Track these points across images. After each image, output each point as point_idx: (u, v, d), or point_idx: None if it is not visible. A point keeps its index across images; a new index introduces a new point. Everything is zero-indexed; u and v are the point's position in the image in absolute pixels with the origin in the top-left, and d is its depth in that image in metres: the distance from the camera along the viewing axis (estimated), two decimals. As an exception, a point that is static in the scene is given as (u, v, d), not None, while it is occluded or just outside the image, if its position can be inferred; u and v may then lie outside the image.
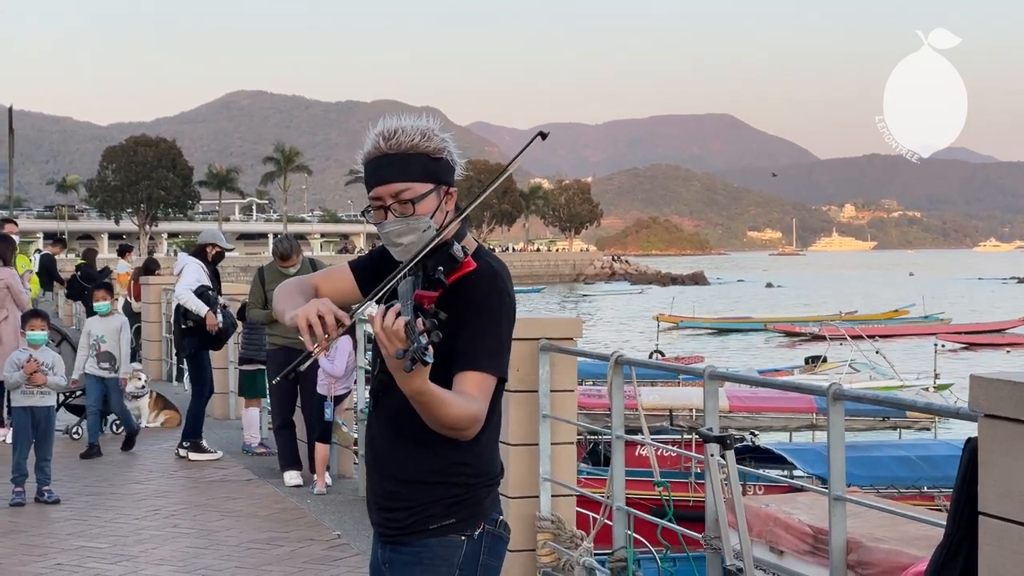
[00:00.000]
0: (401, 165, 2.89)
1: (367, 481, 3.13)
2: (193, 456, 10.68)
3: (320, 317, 2.74)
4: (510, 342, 2.96)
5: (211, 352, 11.25)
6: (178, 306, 10.98)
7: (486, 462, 2.99)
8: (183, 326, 10.85)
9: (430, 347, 2.52)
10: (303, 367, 2.81)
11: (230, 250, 11.73)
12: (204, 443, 10.84)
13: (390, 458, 2.97)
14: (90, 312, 20.67)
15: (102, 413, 12.00)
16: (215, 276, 11.18)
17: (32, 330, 9.05)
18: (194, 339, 10.86)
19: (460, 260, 2.84)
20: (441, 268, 2.78)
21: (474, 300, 2.87)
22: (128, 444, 11.18)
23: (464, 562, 2.92)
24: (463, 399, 2.79)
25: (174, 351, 15.14)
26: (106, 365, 10.88)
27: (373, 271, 3.09)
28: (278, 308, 3.08)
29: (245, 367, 11.06)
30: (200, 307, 10.68)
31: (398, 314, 2.59)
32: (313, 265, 10.00)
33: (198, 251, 11.27)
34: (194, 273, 10.84)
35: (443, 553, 2.91)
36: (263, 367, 10.70)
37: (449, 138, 2.96)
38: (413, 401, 2.70)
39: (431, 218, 2.90)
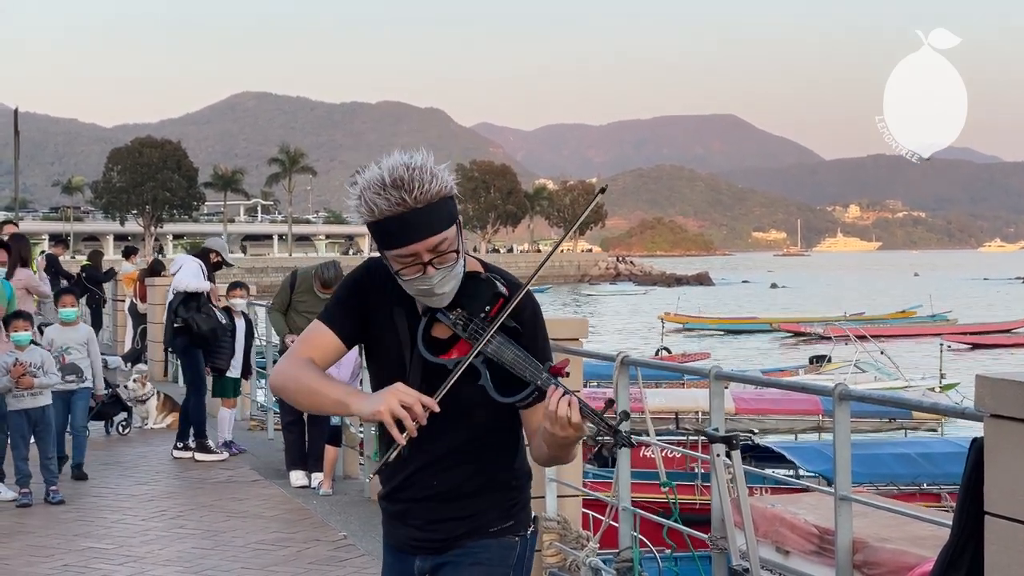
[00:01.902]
0: (434, 217, 2.72)
1: (396, 505, 3.00)
2: (199, 456, 10.73)
3: (407, 407, 2.68)
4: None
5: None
6: (170, 303, 11.16)
7: (526, 462, 3.05)
8: (175, 324, 10.97)
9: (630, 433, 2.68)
10: (392, 458, 2.77)
11: (230, 266, 11.95)
12: (211, 443, 10.89)
13: (440, 482, 2.91)
14: (94, 314, 20.85)
15: (105, 415, 12.04)
16: (210, 281, 11.42)
17: (15, 331, 8.94)
18: (184, 337, 10.98)
19: (503, 294, 2.83)
20: (487, 308, 2.80)
21: (523, 322, 2.85)
22: (78, 474, 9.75)
23: (517, 562, 2.97)
24: None
25: (146, 344, 15.19)
26: (72, 378, 9.79)
27: (354, 318, 2.95)
28: (310, 387, 2.88)
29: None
30: (202, 285, 10.94)
31: (561, 398, 2.68)
32: None
33: (201, 254, 11.52)
34: (192, 268, 11.03)
35: (501, 553, 2.95)
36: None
37: (441, 168, 2.80)
38: (563, 451, 2.84)
39: (458, 255, 2.81)
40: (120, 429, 12.20)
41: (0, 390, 8.80)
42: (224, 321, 11.04)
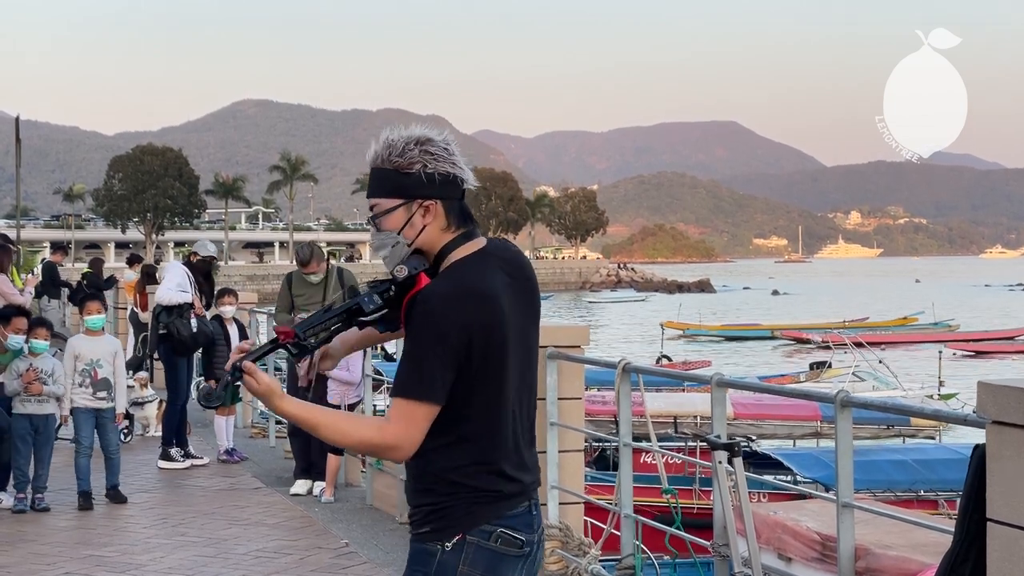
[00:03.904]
0: (374, 181, 2.95)
1: None
2: (161, 464, 10.77)
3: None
4: (436, 363, 2.80)
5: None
6: (153, 310, 11.23)
7: (467, 476, 2.91)
8: (160, 331, 11.01)
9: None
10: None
11: (214, 258, 11.96)
12: (173, 451, 10.89)
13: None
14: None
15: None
16: (208, 282, 11.46)
17: (36, 338, 9.00)
18: (167, 345, 11.01)
19: (399, 280, 2.88)
20: (393, 288, 2.90)
21: (410, 317, 2.86)
22: (115, 495, 9.27)
23: (438, 570, 2.91)
24: (361, 422, 3.01)
25: (147, 351, 15.19)
26: (103, 394, 9.13)
27: None
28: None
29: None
30: (182, 297, 10.94)
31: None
32: (340, 275, 10.00)
33: (185, 258, 11.75)
34: (176, 277, 11.15)
35: (421, 558, 2.95)
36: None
37: (434, 149, 2.88)
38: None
39: (399, 233, 2.91)
40: (121, 437, 12.17)
41: (9, 392, 8.85)
42: (212, 329, 11.12)
